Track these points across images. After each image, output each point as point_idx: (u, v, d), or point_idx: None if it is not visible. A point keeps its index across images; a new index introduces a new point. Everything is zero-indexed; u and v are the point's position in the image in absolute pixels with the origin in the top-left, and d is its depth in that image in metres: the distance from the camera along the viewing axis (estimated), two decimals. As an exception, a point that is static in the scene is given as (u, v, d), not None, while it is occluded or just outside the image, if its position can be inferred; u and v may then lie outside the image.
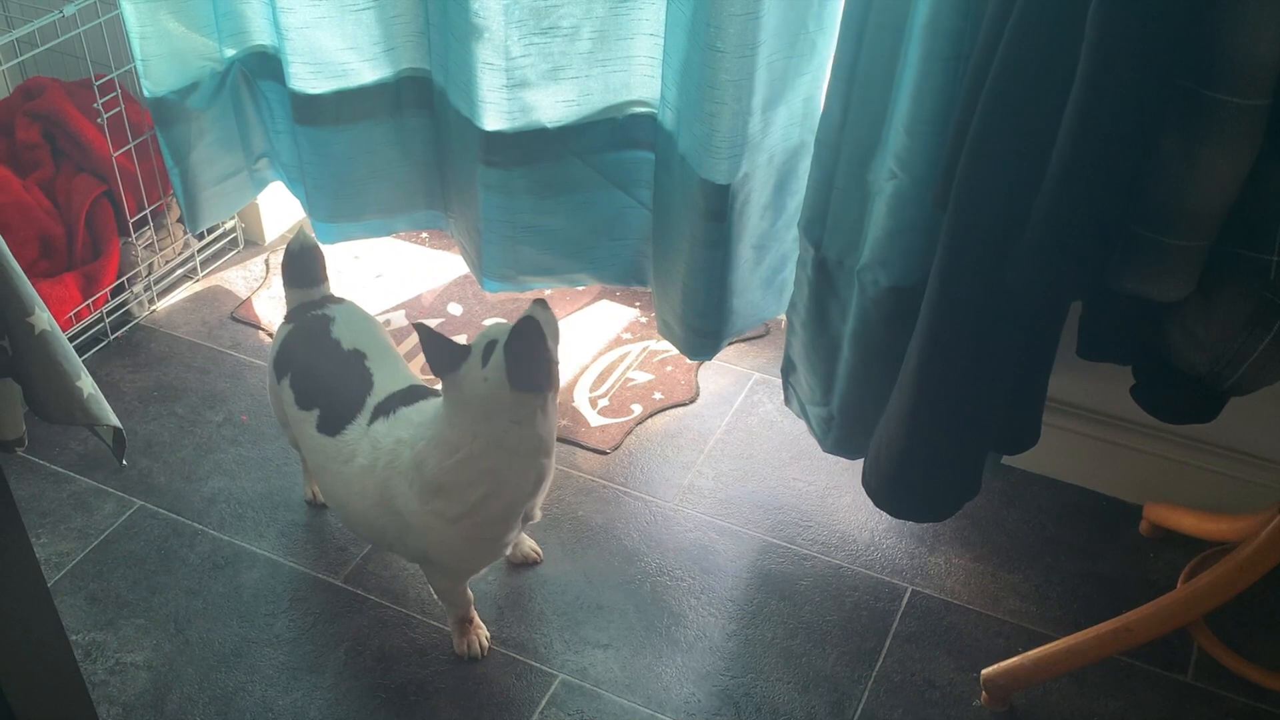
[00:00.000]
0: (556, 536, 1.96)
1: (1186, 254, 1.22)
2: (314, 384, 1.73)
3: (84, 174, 2.33)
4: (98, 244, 2.31)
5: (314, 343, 1.77)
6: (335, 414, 1.70)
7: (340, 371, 1.73)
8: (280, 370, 1.79)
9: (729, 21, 1.61)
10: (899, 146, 1.53)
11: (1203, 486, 1.90)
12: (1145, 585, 1.86)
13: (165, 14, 2.08)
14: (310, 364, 1.75)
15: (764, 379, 2.26)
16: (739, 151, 1.75)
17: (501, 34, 1.83)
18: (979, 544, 1.95)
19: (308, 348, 1.77)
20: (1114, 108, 1.15)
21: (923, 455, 1.57)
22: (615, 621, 1.83)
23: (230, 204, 2.41)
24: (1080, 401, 1.93)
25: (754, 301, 2.02)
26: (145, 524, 1.98)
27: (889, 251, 1.61)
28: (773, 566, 1.92)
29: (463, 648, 1.77)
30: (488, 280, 2.18)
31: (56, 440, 2.11)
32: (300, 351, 1.77)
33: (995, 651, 1.77)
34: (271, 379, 1.83)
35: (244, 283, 2.51)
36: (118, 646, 1.79)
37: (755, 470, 2.08)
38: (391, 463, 1.63)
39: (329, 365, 1.74)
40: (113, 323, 2.34)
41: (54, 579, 1.87)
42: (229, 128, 2.28)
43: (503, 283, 2.18)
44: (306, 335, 1.78)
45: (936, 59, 1.44)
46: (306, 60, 2.03)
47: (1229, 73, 1.10)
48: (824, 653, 1.79)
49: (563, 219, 2.07)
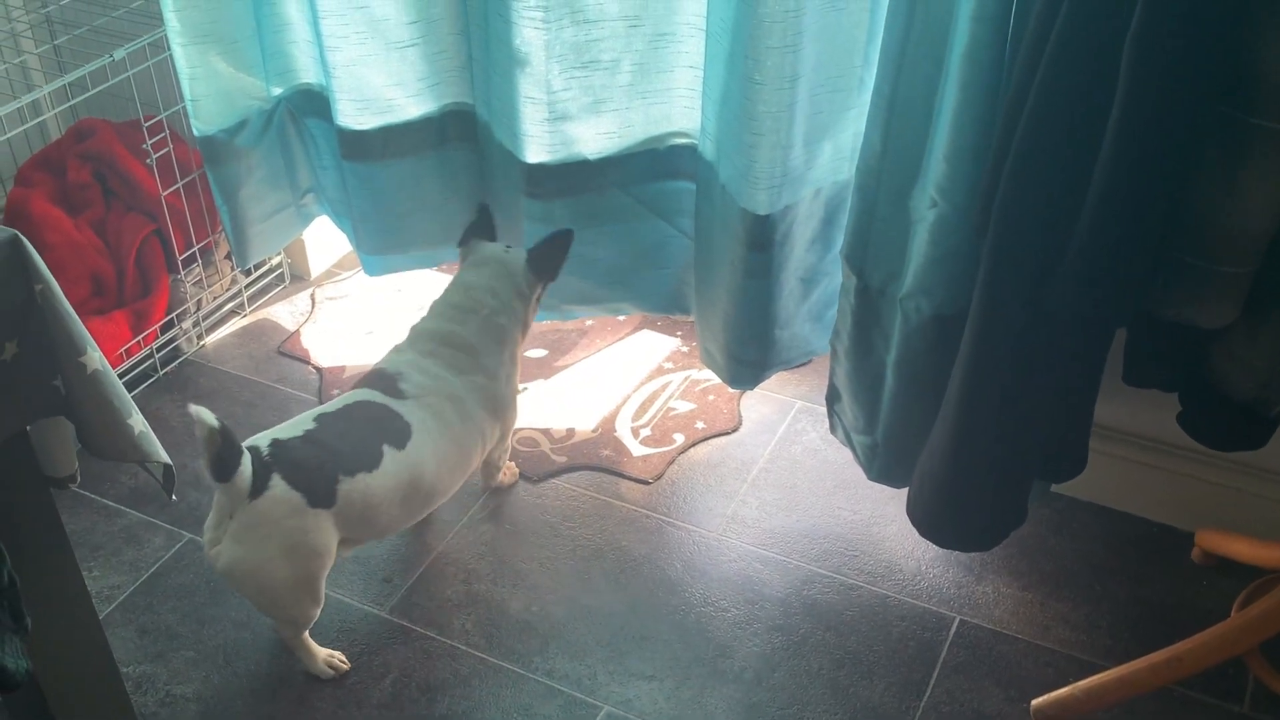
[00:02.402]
0: (600, 567, 1.96)
1: (1230, 280, 1.21)
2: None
3: (134, 213, 2.37)
4: (147, 281, 2.35)
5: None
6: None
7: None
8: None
9: (766, 54, 1.62)
10: (939, 175, 1.53)
11: (1256, 512, 1.87)
12: (1198, 614, 1.83)
13: (214, 55, 2.13)
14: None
15: (807, 407, 2.25)
16: (779, 182, 1.75)
17: (543, 68, 1.85)
18: (1027, 572, 1.92)
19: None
20: (1152, 134, 1.14)
21: (967, 484, 1.56)
22: (660, 652, 1.83)
23: (278, 239, 2.45)
24: (1129, 427, 1.91)
25: (801, 334, 2.01)
26: (195, 556, 2.00)
27: (931, 279, 1.61)
28: (818, 596, 1.90)
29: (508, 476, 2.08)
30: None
31: (108, 475, 2.14)
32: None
33: (1045, 682, 1.75)
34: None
35: (290, 317, 2.54)
36: (168, 679, 1.81)
37: (799, 499, 2.08)
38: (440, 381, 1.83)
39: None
40: (162, 358, 2.38)
41: (105, 611, 1.90)
42: (276, 164, 2.32)
43: (549, 312, 2.19)
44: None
45: (975, 88, 1.44)
46: (353, 97, 2.06)
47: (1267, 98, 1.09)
48: (871, 684, 1.77)
49: (605, 249, 2.08)
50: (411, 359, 1.86)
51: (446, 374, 1.84)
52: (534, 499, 2.09)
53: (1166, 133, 1.16)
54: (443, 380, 1.83)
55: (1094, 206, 1.22)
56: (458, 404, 1.83)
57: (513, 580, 1.95)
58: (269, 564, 1.65)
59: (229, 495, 1.62)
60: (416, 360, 1.86)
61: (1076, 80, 1.20)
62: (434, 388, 1.82)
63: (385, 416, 1.77)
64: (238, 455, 1.58)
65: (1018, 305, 1.37)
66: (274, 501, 1.62)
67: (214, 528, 1.66)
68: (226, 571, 1.66)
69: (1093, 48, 1.18)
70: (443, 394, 1.82)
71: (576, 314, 2.25)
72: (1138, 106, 1.15)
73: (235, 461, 1.58)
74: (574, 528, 2.04)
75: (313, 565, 1.69)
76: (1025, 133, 1.25)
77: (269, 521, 1.63)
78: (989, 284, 1.38)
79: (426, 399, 1.80)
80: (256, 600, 1.73)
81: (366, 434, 1.74)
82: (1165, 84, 1.13)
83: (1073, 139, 1.22)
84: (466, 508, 2.07)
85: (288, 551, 1.66)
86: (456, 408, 1.83)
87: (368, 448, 1.72)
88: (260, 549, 1.64)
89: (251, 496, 1.61)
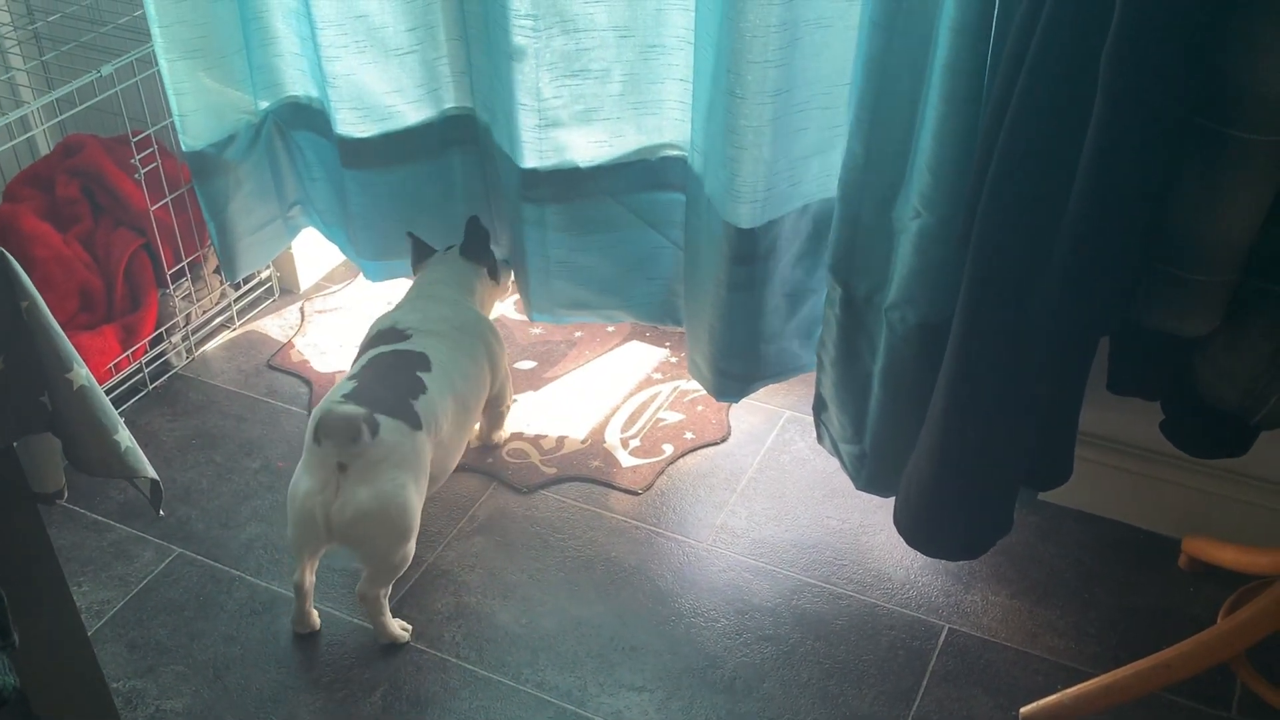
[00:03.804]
0: (590, 578, 1.96)
1: (1211, 289, 1.21)
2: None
3: (122, 228, 2.37)
4: (136, 296, 2.35)
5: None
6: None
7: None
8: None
9: (748, 69, 1.63)
10: (922, 185, 1.54)
11: (1242, 519, 1.88)
12: (1185, 620, 1.84)
13: (201, 70, 2.13)
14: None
15: (795, 417, 2.26)
16: (762, 197, 1.76)
17: (534, 75, 1.86)
18: (1015, 580, 1.93)
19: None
20: (1131, 145, 1.15)
21: (953, 493, 1.56)
22: (650, 663, 1.83)
23: (266, 252, 2.45)
24: (1115, 435, 1.92)
25: (789, 350, 2.02)
26: (184, 571, 2.00)
27: (916, 289, 1.61)
28: (808, 606, 1.91)
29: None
30: (533, 312, 2.22)
31: (97, 489, 2.14)
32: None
33: (1034, 689, 1.76)
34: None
35: (280, 330, 2.55)
36: (158, 694, 1.81)
37: (788, 509, 2.08)
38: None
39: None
40: (151, 373, 2.38)
41: (95, 627, 1.90)
42: (264, 178, 2.33)
43: (543, 314, 2.21)
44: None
45: (957, 99, 1.44)
46: (353, 106, 2.07)
47: (1244, 109, 1.10)
48: (861, 693, 1.78)
49: (597, 256, 2.09)
50: (395, 314, 2.06)
51: (448, 315, 2.04)
52: (524, 510, 2.10)
53: (1145, 144, 1.17)
54: (430, 314, 2.03)
55: (1075, 217, 1.23)
56: (465, 332, 2.03)
57: (503, 592, 1.95)
58: (403, 491, 1.76)
59: (333, 450, 1.73)
60: (401, 312, 2.05)
61: (1056, 92, 1.21)
62: (441, 323, 2.01)
63: (404, 357, 1.92)
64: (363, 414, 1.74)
65: (1001, 315, 1.38)
66: (390, 431, 1.76)
67: (320, 489, 1.74)
68: (361, 516, 1.74)
69: (1071, 59, 1.19)
70: (451, 326, 2.02)
71: (570, 319, 2.26)
72: (1116, 118, 1.16)
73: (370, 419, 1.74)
74: (564, 539, 2.04)
75: (421, 486, 1.82)
76: (1006, 144, 1.26)
77: (394, 451, 1.76)
78: (972, 294, 1.39)
79: (426, 330, 1.98)
80: (385, 540, 1.78)
81: (399, 372, 1.89)
82: (1143, 96, 1.14)
83: (1053, 150, 1.23)
84: (456, 520, 2.08)
85: (415, 475, 1.80)
86: (464, 334, 2.02)
87: (408, 379, 1.87)
88: (394, 479, 1.76)
89: (372, 435, 1.73)
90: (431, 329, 1.99)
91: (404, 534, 1.80)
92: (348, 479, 1.73)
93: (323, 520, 1.74)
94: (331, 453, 1.73)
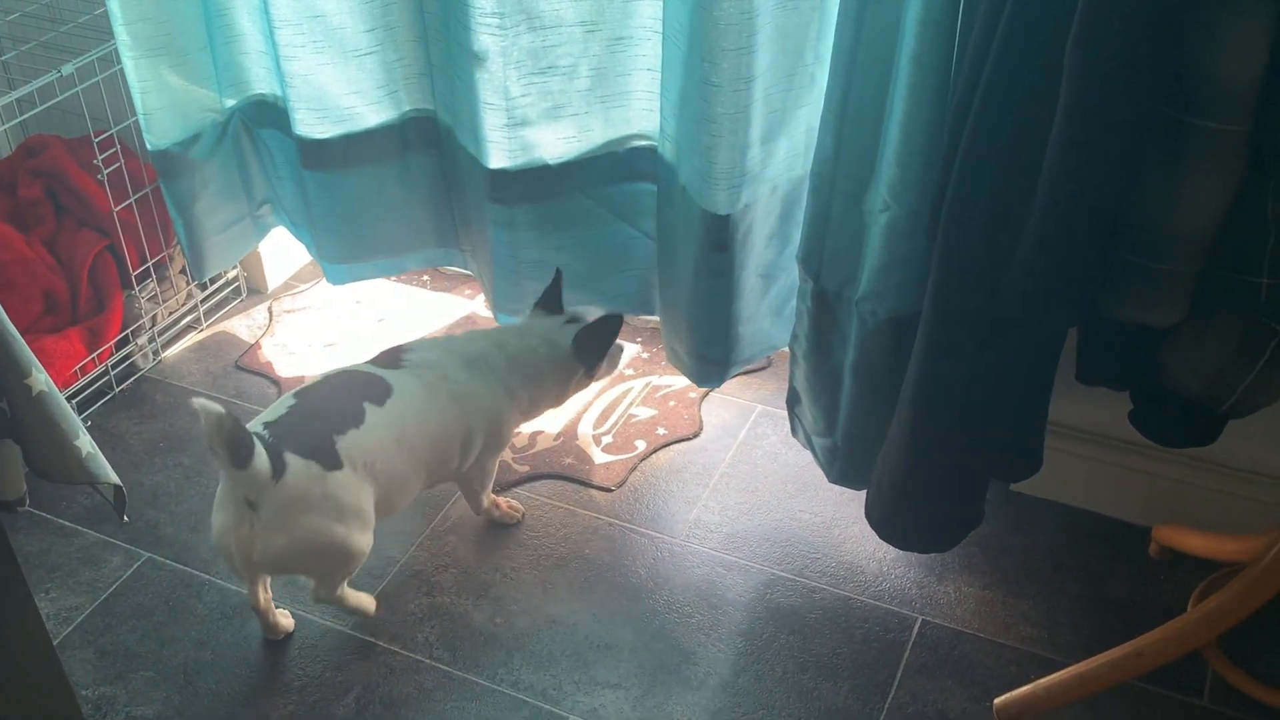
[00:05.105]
0: (563, 576, 1.96)
1: (1177, 279, 1.22)
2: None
3: (86, 229, 2.35)
4: (101, 298, 2.33)
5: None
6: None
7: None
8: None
9: (723, 56, 1.63)
10: (891, 178, 1.54)
11: (1212, 507, 1.89)
12: (1156, 608, 1.85)
13: (166, 68, 2.11)
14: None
15: (767, 411, 2.26)
16: (738, 182, 1.76)
17: (500, 74, 1.85)
18: (988, 571, 1.94)
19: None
20: (1096, 136, 1.15)
21: (923, 486, 1.56)
22: (625, 661, 1.82)
23: (234, 251, 2.43)
24: (1086, 425, 1.92)
25: (763, 330, 2.02)
26: (153, 576, 1.98)
27: (886, 282, 1.61)
28: (782, 600, 1.91)
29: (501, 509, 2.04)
30: (500, 315, 2.21)
31: (63, 494, 2.11)
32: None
33: (1007, 680, 1.76)
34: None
35: (248, 331, 2.53)
36: (128, 700, 1.79)
37: (761, 503, 2.08)
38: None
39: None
40: (118, 375, 2.35)
41: (64, 634, 1.88)
42: (231, 176, 2.31)
43: (513, 316, 2.19)
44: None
45: (924, 90, 1.44)
46: (312, 106, 2.05)
47: (1207, 99, 1.10)
48: (835, 686, 1.78)
49: (569, 253, 2.08)
50: (432, 347, 1.91)
51: (458, 368, 1.86)
52: (496, 509, 2.09)
53: (1110, 135, 1.17)
54: (451, 370, 1.86)
55: (1041, 208, 1.23)
56: (455, 391, 1.84)
57: (476, 592, 1.94)
58: (322, 534, 1.67)
59: (248, 485, 1.61)
60: (436, 349, 1.90)
61: (1021, 83, 1.21)
62: (436, 368, 1.85)
63: (366, 381, 1.80)
64: (249, 440, 1.58)
65: (968, 307, 1.38)
66: (297, 475, 1.63)
67: (234, 525, 1.65)
68: (276, 559, 1.67)
69: (1036, 51, 1.19)
70: (443, 375, 1.84)
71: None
72: (1081, 109, 1.16)
73: (249, 446, 1.57)
74: (537, 537, 2.03)
75: (353, 521, 1.70)
76: (971, 136, 1.26)
77: (301, 495, 1.64)
78: (939, 286, 1.39)
79: (422, 372, 1.83)
80: (317, 572, 1.75)
81: (346, 397, 1.76)
82: (1107, 86, 1.14)
83: (1018, 142, 1.23)
84: (429, 519, 2.06)
85: (330, 514, 1.67)
86: (451, 392, 1.84)
87: (349, 407, 1.74)
88: (308, 524, 1.66)
89: (274, 478, 1.61)
90: (427, 371, 1.84)
91: (337, 563, 1.73)
92: (260, 520, 1.63)
93: (241, 558, 1.67)
94: (239, 486, 1.62)
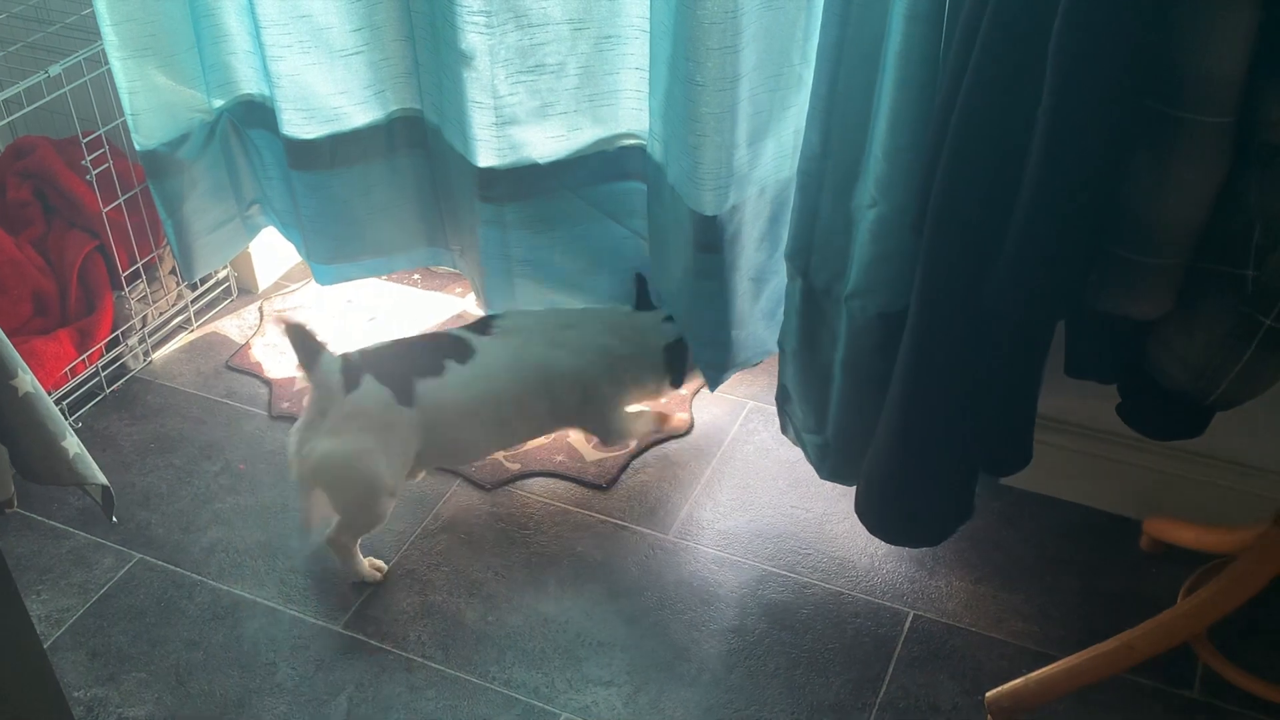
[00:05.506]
0: (555, 574, 1.96)
1: (1163, 272, 1.22)
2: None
3: (75, 230, 2.34)
4: (91, 299, 2.32)
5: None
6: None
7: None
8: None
9: (707, 55, 1.62)
10: (878, 173, 1.54)
11: (1202, 499, 1.89)
12: (1147, 601, 1.85)
13: (154, 68, 2.10)
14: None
15: (758, 407, 2.26)
16: (725, 183, 1.75)
17: (489, 73, 1.85)
18: (979, 565, 1.94)
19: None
20: (1080, 129, 1.16)
21: (913, 480, 1.56)
22: (617, 658, 1.82)
23: (224, 252, 2.42)
24: (1075, 418, 1.93)
25: (757, 335, 2.02)
26: (145, 577, 1.98)
27: (874, 279, 1.61)
28: (773, 596, 1.91)
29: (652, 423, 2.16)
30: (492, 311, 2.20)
31: (54, 496, 2.11)
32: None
33: (999, 673, 1.76)
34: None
35: (238, 331, 2.52)
36: (120, 701, 1.79)
37: (753, 500, 2.08)
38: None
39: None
40: (108, 376, 2.35)
41: (55, 635, 1.88)
42: (220, 177, 2.30)
43: None
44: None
45: (911, 86, 1.44)
46: (299, 106, 2.04)
47: (1192, 92, 1.11)
48: (827, 681, 1.78)
49: (560, 252, 2.08)
50: (523, 316, 2.04)
51: (544, 337, 1.98)
52: (489, 507, 2.09)
53: (1095, 128, 1.17)
54: (536, 338, 1.97)
55: (1026, 203, 1.23)
56: (536, 358, 1.96)
57: (468, 590, 1.94)
58: (365, 455, 1.81)
59: (321, 391, 1.81)
60: (528, 318, 2.03)
61: (1005, 77, 1.21)
62: (522, 335, 1.97)
63: (455, 342, 1.95)
64: (316, 345, 1.80)
65: (956, 302, 1.38)
66: (366, 395, 1.81)
67: (303, 429, 1.83)
68: (320, 464, 1.81)
69: (1019, 45, 1.19)
70: (526, 342, 1.97)
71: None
72: (1065, 103, 1.16)
73: (315, 350, 1.80)
74: (529, 535, 2.03)
75: (397, 462, 1.86)
76: (956, 131, 1.26)
77: (363, 414, 1.81)
78: (927, 282, 1.39)
79: (508, 338, 1.96)
80: (341, 494, 1.86)
81: (434, 351, 1.92)
82: (1091, 79, 1.14)
83: (1003, 136, 1.23)
84: (420, 518, 2.06)
85: (381, 443, 1.82)
86: (533, 359, 1.95)
87: (434, 360, 1.90)
88: (356, 440, 1.81)
89: (346, 392, 1.80)
90: (513, 338, 1.96)
91: (363, 496, 1.84)
92: (321, 427, 1.80)
93: (295, 457, 1.83)
94: (315, 391, 1.81)
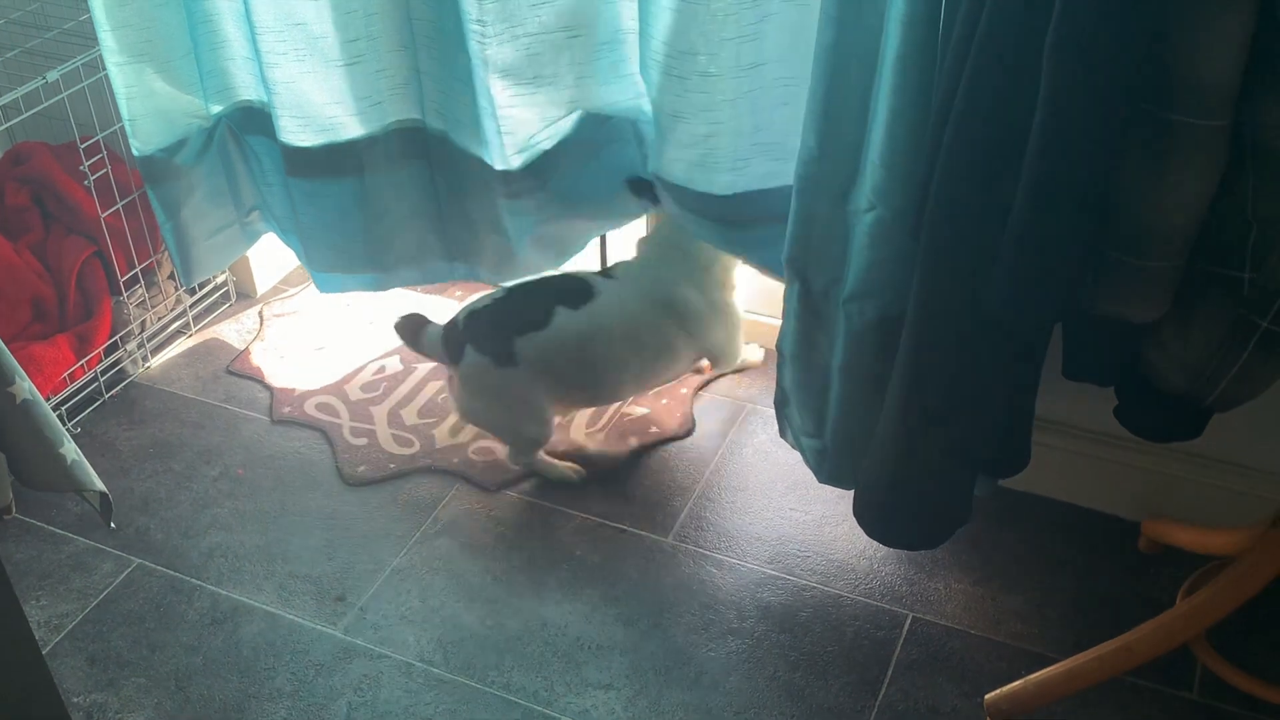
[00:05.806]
0: (555, 577, 1.96)
1: (1159, 274, 1.22)
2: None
3: (73, 235, 2.34)
4: (89, 304, 2.33)
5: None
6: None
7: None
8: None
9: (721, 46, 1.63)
10: (875, 178, 1.54)
11: (1200, 500, 1.90)
12: (1146, 603, 1.85)
13: (151, 74, 2.10)
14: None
15: (757, 409, 2.26)
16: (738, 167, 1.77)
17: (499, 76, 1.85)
18: (978, 567, 1.94)
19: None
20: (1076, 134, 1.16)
21: (911, 483, 1.56)
22: (616, 661, 1.82)
23: (223, 257, 2.42)
24: (1074, 420, 1.93)
25: None
26: (144, 582, 1.98)
27: (872, 283, 1.61)
28: (772, 599, 1.91)
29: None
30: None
31: (53, 502, 2.11)
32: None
33: (998, 675, 1.76)
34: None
35: (238, 336, 2.52)
36: (119, 707, 1.79)
37: (751, 502, 2.08)
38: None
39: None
40: (107, 381, 2.35)
41: (54, 641, 1.88)
42: (218, 183, 2.30)
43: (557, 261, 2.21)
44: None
45: (907, 92, 1.44)
46: (295, 114, 2.04)
47: (1187, 96, 1.11)
48: (826, 684, 1.78)
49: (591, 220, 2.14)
50: (638, 265, 2.13)
51: (671, 275, 2.09)
52: (488, 510, 2.09)
53: (1091, 132, 1.17)
54: (663, 276, 2.08)
55: (1023, 207, 1.23)
56: (663, 296, 2.07)
57: (468, 594, 1.94)
58: (486, 411, 2.09)
59: (438, 361, 2.13)
60: (641, 264, 2.13)
61: (1001, 82, 1.21)
62: (649, 274, 2.09)
63: (575, 286, 2.07)
64: (414, 327, 2.10)
65: (954, 306, 1.38)
66: (469, 366, 2.04)
67: (449, 385, 2.13)
68: (461, 417, 2.16)
69: (1015, 50, 1.19)
70: (655, 280, 2.08)
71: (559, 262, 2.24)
72: (1061, 107, 1.16)
73: (414, 331, 2.10)
74: (528, 538, 2.03)
75: (520, 408, 2.07)
76: (953, 136, 1.26)
77: (471, 381, 2.05)
78: (924, 286, 1.39)
79: (634, 280, 2.08)
80: (493, 433, 2.17)
81: (543, 299, 2.05)
82: (1087, 83, 1.14)
83: (999, 141, 1.23)
84: (419, 522, 2.06)
85: (495, 401, 2.07)
86: (660, 297, 2.07)
87: (541, 310, 2.03)
88: (475, 400, 2.08)
89: (455, 363, 2.05)
90: (640, 277, 2.08)
91: (506, 434, 2.12)
92: (456, 386, 2.08)
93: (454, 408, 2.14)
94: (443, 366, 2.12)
